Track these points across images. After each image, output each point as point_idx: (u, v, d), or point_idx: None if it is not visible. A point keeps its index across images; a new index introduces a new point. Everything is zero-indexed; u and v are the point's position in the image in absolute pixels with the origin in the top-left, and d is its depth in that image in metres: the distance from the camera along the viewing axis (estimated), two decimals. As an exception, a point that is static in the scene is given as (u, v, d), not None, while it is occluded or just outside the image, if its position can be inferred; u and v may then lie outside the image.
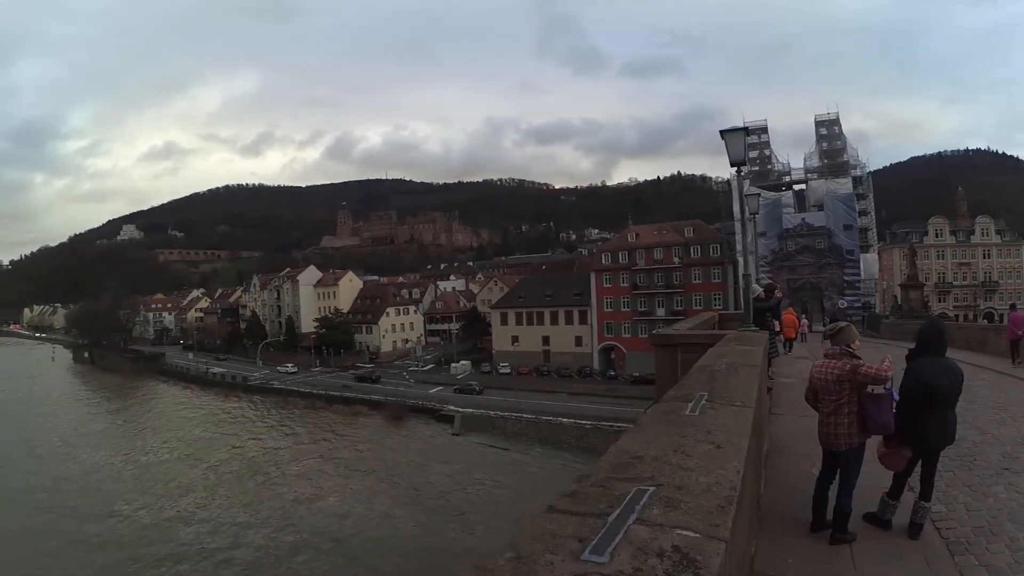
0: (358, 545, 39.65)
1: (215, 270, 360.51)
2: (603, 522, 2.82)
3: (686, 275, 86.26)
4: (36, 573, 38.18)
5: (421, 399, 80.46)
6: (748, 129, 18.05)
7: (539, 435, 62.04)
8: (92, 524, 46.39)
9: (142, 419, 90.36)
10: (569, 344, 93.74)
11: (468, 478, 50.59)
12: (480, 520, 41.15)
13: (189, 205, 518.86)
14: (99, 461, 65.74)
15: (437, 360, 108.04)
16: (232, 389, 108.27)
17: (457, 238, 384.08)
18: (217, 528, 44.76)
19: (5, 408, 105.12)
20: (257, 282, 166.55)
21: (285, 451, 65.43)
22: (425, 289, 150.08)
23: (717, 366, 8.03)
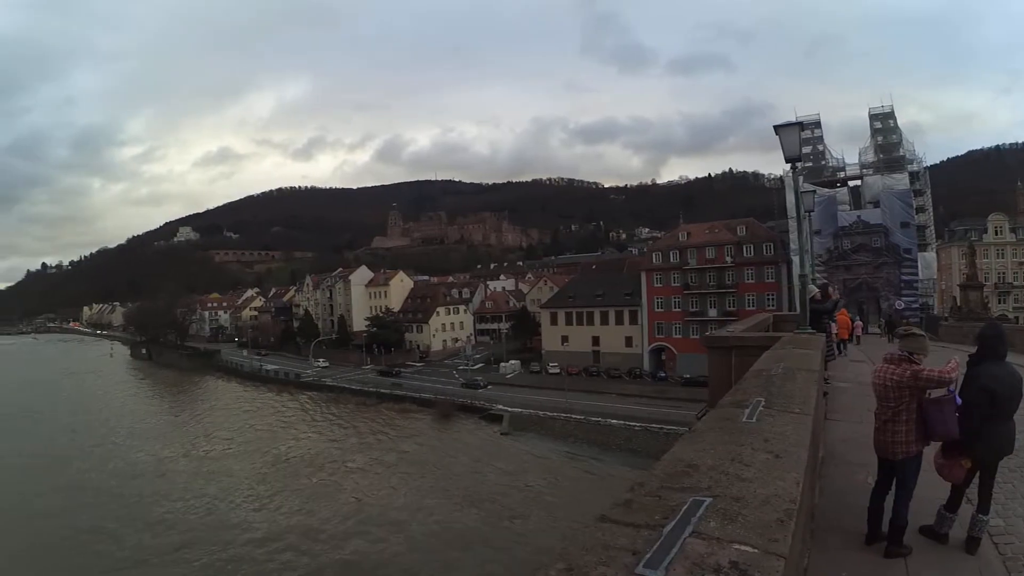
0: (412, 545, 39.52)
1: (269, 270, 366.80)
2: (658, 534, 2.71)
3: (738, 275, 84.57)
4: (95, 561, 39.01)
5: (470, 398, 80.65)
6: (802, 124, 17.56)
7: (588, 436, 61.41)
8: (152, 516, 47.37)
9: (199, 413, 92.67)
10: (619, 344, 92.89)
11: (519, 480, 50.21)
12: (532, 526, 40.76)
13: (243, 208, 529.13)
14: (158, 454, 67.36)
15: (486, 359, 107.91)
16: (285, 385, 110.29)
17: (507, 238, 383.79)
18: (275, 521, 45.23)
19: (69, 402, 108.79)
20: (310, 282, 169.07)
21: (339, 447, 66.00)
22: (475, 289, 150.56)
23: (774, 370, 7.80)
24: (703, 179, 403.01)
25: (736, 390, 6.90)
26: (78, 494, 52.98)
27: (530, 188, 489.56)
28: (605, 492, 44.27)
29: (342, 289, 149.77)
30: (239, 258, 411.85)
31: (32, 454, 69.20)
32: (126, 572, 37.72)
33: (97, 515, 47.45)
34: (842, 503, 7.01)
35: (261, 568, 37.94)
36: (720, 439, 4.44)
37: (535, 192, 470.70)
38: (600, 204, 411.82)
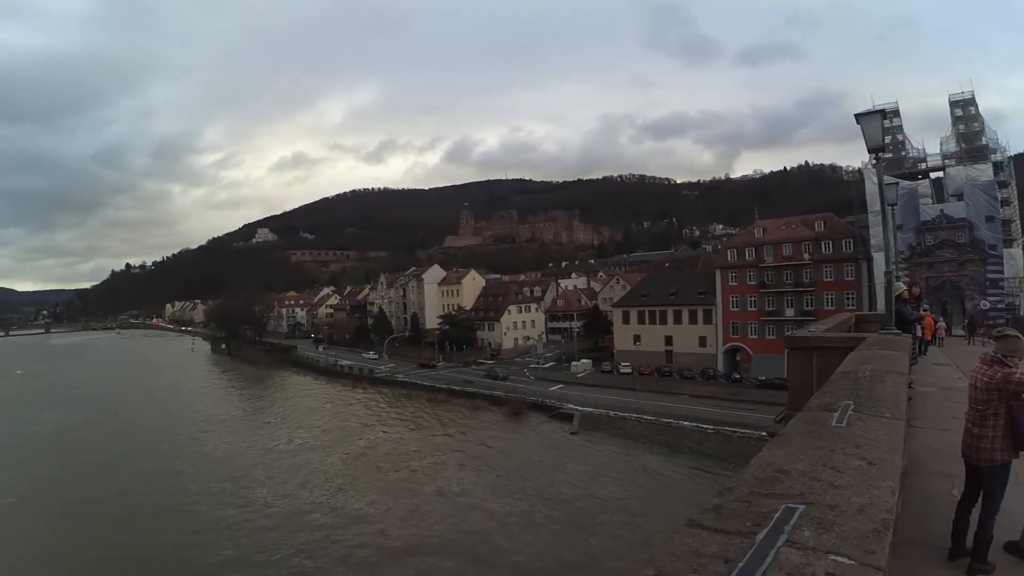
0: (492, 547, 39.23)
1: (344, 269, 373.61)
2: (750, 542, 2.59)
3: (816, 273, 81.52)
4: (173, 552, 40.05)
5: (541, 396, 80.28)
6: (885, 112, 16.78)
7: (658, 437, 60.31)
8: (231, 508, 48.39)
9: (277, 407, 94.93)
10: (692, 344, 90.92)
11: (593, 481, 49.53)
12: (613, 529, 40.08)
13: (319, 209, 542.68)
14: (238, 446, 69.14)
15: (558, 358, 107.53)
16: (358, 380, 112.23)
17: (578, 236, 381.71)
18: (354, 515, 45.62)
19: (152, 394, 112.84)
20: (384, 280, 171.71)
21: (414, 443, 66.46)
22: (546, 287, 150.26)
23: (861, 372, 7.50)
24: (778, 173, 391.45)
25: (823, 392, 6.67)
26: (158, 486, 54.62)
27: (601, 185, 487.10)
28: (679, 495, 43.70)
29: (415, 287, 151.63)
30: (315, 258, 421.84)
31: (116, 445, 72.10)
32: (209, 564, 38.61)
33: (176, 508, 48.83)
34: (924, 515, 6.64)
35: (341, 561, 38.26)
36: (810, 443, 4.29)
37: (606, 189, 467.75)
38: (672, 200, 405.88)
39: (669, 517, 38.14)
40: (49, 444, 74.61)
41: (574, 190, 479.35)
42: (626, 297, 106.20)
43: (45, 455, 68.85)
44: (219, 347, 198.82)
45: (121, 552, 40.11)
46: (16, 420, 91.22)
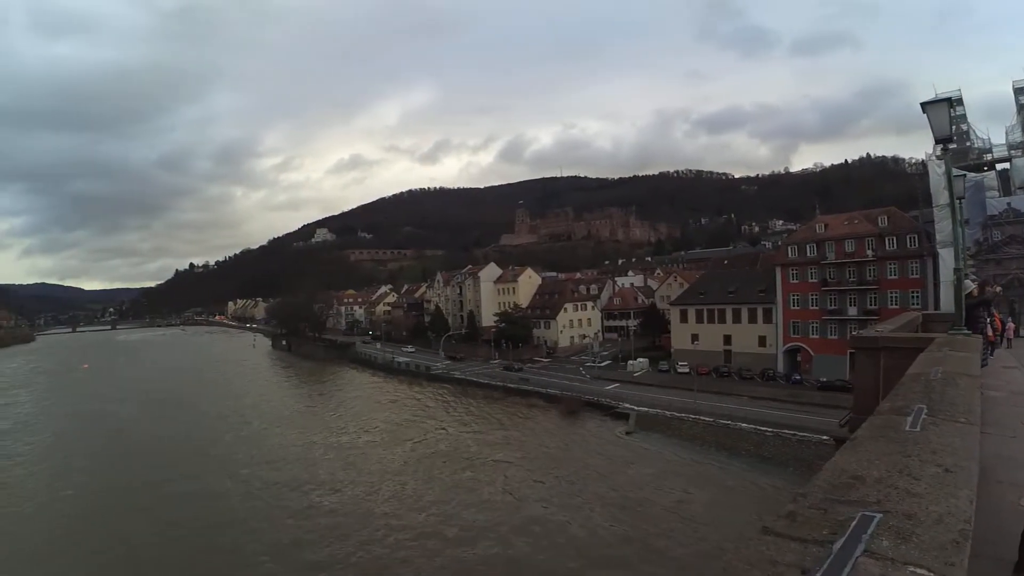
0: (557, 551, 38.41)
1: (401, 268, 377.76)
2: (827, 551, 2.52)
3: (880, 270, 78.57)
4: (234, 543, 40.83)
5: (596, 395, 79.50)
6: (952, 100, 15.98)
7: (716, 439, 59.05)
8: (294, 502, 49.04)
9: (337, 402, 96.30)
10: (752, 344, 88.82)
11: (658, 487, 48.22)
12: (679, 535, 39.08)
13: (376, 209, 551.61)
14: (300, 441, 70.05)
15: (614, 357, 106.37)
16: (415, 377, 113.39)
17: (634, 233, 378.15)
18: (416, 515, 45.35)
19: (217, 388, 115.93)
20: (441, 278, 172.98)
21: (472, 440, 66.33)
22: (603, 285, 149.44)
23: (932, 375, 7.14)
24: (839, 166, 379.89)
25: (895, 395, 6.41)
26: (221, 479, 55.84)
27: (657, 182, 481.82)
28: (741, 501, 42.78)
29: (471, 285, 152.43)
30: (373, 257, 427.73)
31: (180, 437, 74.03)
32: (270, 556, 39.08)
33: (238, 502, 49.73)
34: (991, 526, 6.21)
35: (403, 559, 38.33)
36: (884, 449, 4.13)
37: (662, 185, 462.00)
38: (730, 196, 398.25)
39: (734, 524, 37.51)
40: (112, 438, 76.97)
41: (630, 187, 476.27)
42: (684, 295, 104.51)
43: (106, 449, 71.08)
44: (280, 343, 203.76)
45: (180, 545, 40.92)
46: (81, 414, 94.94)
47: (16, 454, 69.87)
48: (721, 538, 36.12)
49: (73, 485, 56.04)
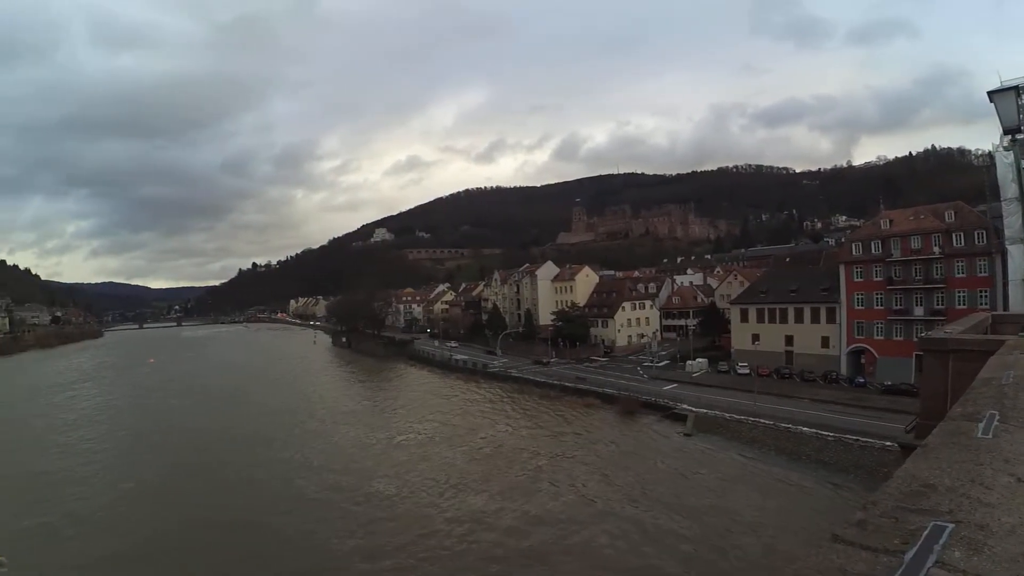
0: (622, 563, 37.25)
1: (459, 267, 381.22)
2: (898, 561, 2.53)
3: (948, 267, 75.29)
4: (297, 541, 41.16)
5: (654, 395, 78.35)
6: (1020, 88, 15.21)
7: (776, 443, 57.31)
8: (353, 501, 49.10)
9: (397, 399, 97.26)
10: (814, 345, 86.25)
11: (721, 492, 46.85)
12: (744, 541, 38.14)
13: (433, 209, 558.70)
14: (361, 438, 70.70)
15: (672, 357, 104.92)
16: (472, 374, 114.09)
17: (693, 230, 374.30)
18: (480, 515, 44.88)
19: (279, 384, 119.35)
20: (498, 277, 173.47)
21: (530, 439, 66.06)
22: (661, 283, 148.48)
23: (1004, 379, 6.90)
24: (903, 159, 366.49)
25: (965, 400, 6.32)
26: (284, 475, 56.51)
27: (715, 177, 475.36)
28: (805, 507, 41.71)
29: (529, 284, 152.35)
30: (430, 256, 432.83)
31: (242, 433, 75.81)
32: (332, 553, 39.44)
33: (301, 498, 50.11)
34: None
35: (464, 559, 38.19)
36: (956, 456, 4.11)
37: (721, 181, 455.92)
38: (791, 191, 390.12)
39: (800, 532, 36.92)
40: (175, 432, 79.17)
41: (688, 183, 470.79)
42: (744, 294, 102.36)
43: (169, 442, 73.08)
44: (340, 340, 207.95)
45: (242, 539, 41.60)
46: (145, 407, 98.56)
47: (79, 446, 72.26)
48: (788, 546, 35.38)
49: (134, 478, 57.57)
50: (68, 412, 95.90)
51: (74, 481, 57.40)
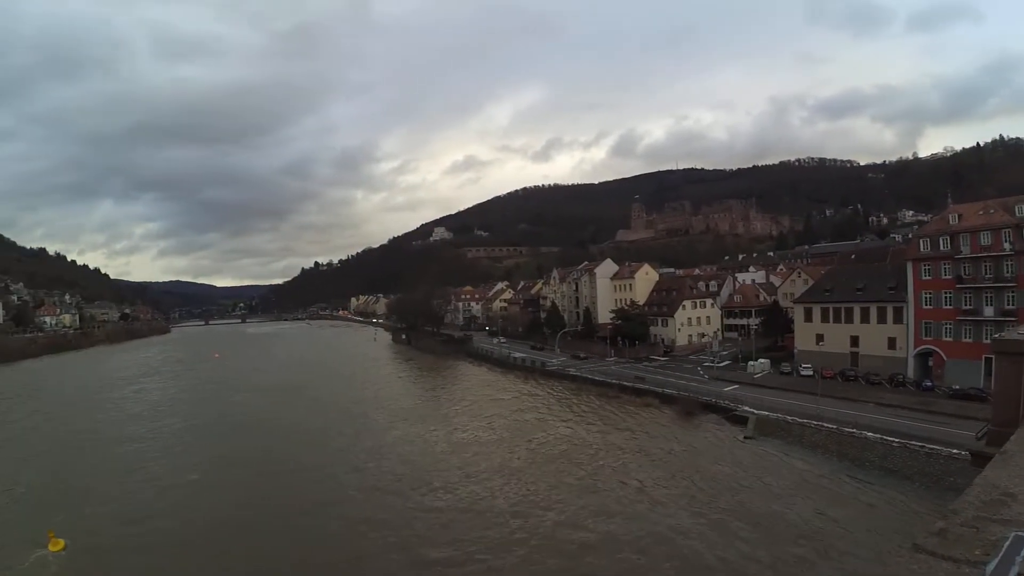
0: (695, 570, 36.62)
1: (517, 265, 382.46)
2: (979, 572, 2.63)
3: (1019, 265, 71.27)
4: (353, 536, 41.81)
5: (714, 396, 77.15)
6: None
7: (839, 448, 55.58)
8: (412, 498, 49.43)
9: (456, 396, 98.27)
10: (880, 346, 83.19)
11: (787, 499, 45.27)
12: (821, 554, 36.70)
13: (491, 208, 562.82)
14: (421, 434, 71.48)
15: (733, 357, 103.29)
16: (530, 372, 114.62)
17: (755, 226, 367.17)
18: (540, 516, 44.80)
19: (340, 379, 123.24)
20: (556, 275, 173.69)
21: (592, 440, 65.38)
22: (723, 281, 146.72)
23: None
24: (971, 150, 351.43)
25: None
26: (342, 471, 57.41)
27: (777, 172, 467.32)
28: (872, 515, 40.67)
29: (587, 282, 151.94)
30: (489, 254, 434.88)
31: (304, 427, 77.80)
32: (389, 552, 39.53)
33: (359, 494, 50.81)
34: None
35: (532, 556, 38.24)
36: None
37: (783, 176, 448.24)
38: (856, 185, 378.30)
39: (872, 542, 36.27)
40: (238, 425, 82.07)
41: (749, 178, 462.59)
42: (808, 292, 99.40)
43: (232, 435, 75.70)
44: (400, 337, 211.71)
45: (299, 534, 42.28)
46: (210, 401, 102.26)
47: (145, 438, 75.12)
48: (862, 558, 34.64)
49: (198, 470, 59.55)
50: (135, 405, 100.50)
51: (138, 472, 59.87)
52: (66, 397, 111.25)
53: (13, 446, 72.68)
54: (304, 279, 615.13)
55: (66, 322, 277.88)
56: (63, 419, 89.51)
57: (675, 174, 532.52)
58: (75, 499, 51.33)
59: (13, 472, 60.56)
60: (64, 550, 40.91)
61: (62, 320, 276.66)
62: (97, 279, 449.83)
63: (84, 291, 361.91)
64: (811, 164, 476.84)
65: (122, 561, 39.59)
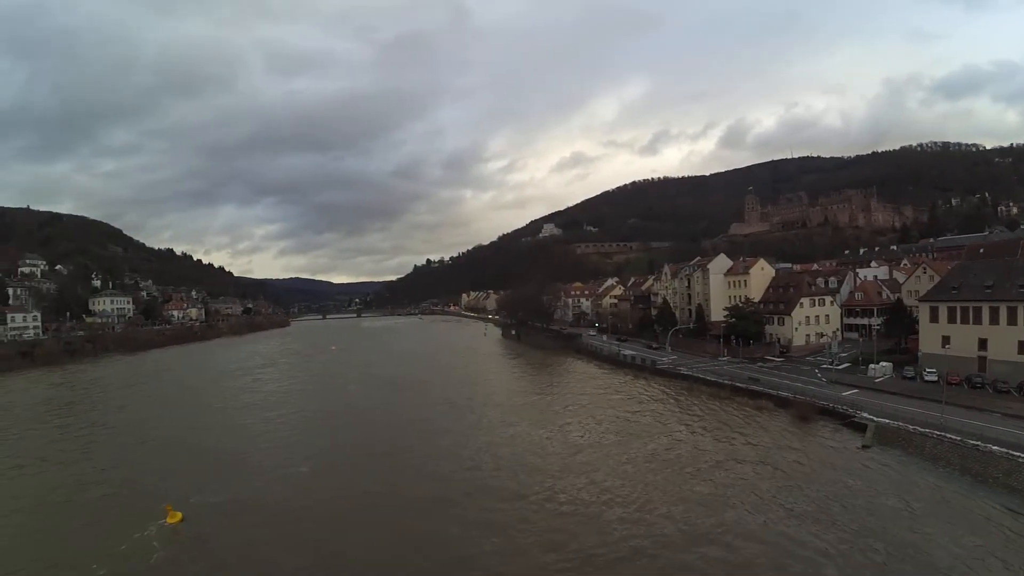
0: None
1: (627, 260, 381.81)
2: None
3: None
4: (461, 540, 41.51)
5: (832, 401, 74.40)
6: None
7: (961, 462, 51.80)
8: (523, 500, 48.90)
9: (567, 394, 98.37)
10: (1009, 350, 77.10)
11: (924, 521, 41.34)
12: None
13: (600, 203, 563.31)
14: (534, 435, 71.05)
15: (853, 359, 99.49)
16: (640, 371, 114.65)
17: (876, 217, 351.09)
18: (663, 529, 42.39)
19: (453, 374, 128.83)
20: (668, 271, 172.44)
21: (710, 447, 62.93)
22: (843, 277, 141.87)
23: None
24: None
25: None
26: (454, 469, 57.97)
27: (898, 158, 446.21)
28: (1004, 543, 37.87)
29: (700, 278, 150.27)
30: (598, 250, 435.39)
31: (415, 422, 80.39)
32: (496, 554, 39.54)
33: (469, 495, 50.44)
34: None
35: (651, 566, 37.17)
36: None
37: (904, 162, 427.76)
38: (983, 171, 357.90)
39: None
40: (351, 417, 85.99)
41: (867, 165, 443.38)
42: (934, 290, 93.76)
43: (344, 428, 79.05)
44: (509, 333, 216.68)
45: (404, 536, 42.32)
46: (325, 392, 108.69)
47: (258, 428, 79.90)
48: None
49: (312, 460, 62.07)
50: (252, 394, 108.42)
51: (251, 459, 64.22)
52: (185, 385, 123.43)
53: (134, 429, 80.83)
54: (416, 276, 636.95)
55: (192, 315, 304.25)
56: (182, 403, 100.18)
57: (789, 163, 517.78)
58: (190, 478, 56.58)
59: (134, 452, 68.51)
60: (181, 522, 45.48)
61: (188, 314, 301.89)
62: (221, 277, 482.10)
63: (209, 288, 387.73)
64: (934, 149, 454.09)
65: (234, 537, 43.14)
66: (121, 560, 39.44)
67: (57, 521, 47.11)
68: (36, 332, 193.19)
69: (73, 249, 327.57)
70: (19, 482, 58.02)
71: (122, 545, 41.41)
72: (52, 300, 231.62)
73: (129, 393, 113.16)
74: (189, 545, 41.78)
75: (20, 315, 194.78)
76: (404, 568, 37.95)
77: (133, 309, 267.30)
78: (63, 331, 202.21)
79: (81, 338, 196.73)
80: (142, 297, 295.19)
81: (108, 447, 71.38)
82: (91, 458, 66.26)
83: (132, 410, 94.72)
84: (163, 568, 38.71)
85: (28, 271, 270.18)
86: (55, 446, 71.84)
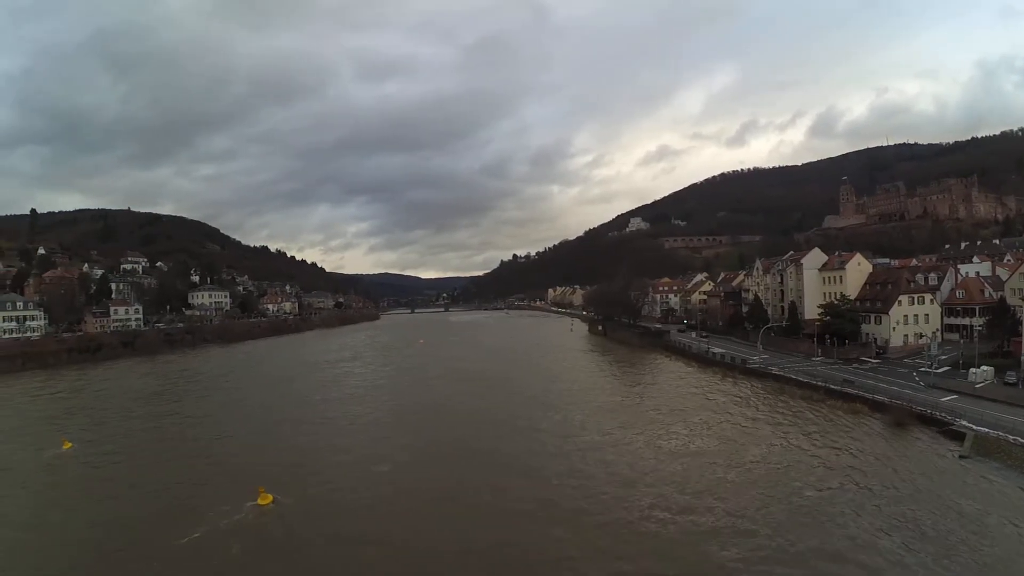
0: None
1: (717, 255, 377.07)
2: None
3: None
4: (544, 552, 40.01)
5: (929, 407, 70.88)
6: None
7: None
8: (601, 514, 46.28)
9: (653, 393, 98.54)
10: None
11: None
12: None
13: (688, 196, 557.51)
14: (623, 438, 69.64)
15: (954, 362, 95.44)
16: (730, 370, 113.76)
17: (978, 209, 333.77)
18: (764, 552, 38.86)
19: (538, 369, 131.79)
20: (759, 266, 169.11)
21: (811, 458, 59.34)
22: (943, 274, 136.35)
23: None
24: None
25: None
26: (539, 478, 55.84)
27: (999, 143, 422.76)
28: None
29: (793, 274, 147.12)
30: (687, 244, 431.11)
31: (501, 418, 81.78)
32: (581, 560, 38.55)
33: (556, 503, 48.87)
34: None
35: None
36: None
37: (1006, 148, 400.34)
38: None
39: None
40: (436, 413, 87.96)
41: (968, 151, 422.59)
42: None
43: (429, 424, 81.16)
44: (596, 328, 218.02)
45: (483, 546, 41.02)
46: (410, 388, 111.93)
47: (345, 423, 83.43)
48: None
49: (389, 460, 62.82)
50: (339, 388, 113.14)
51: (339, 449, 67.78)
52: (279, 373, 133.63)
53: (225, 414, 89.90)
54: (503, 271, 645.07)
55: (286, 309, 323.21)
56: (277, 392, 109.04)
57: (886, 150, 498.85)
58: (280, 464, 61.36)
59: (227, 438, 75.54)
60: (272, 503, 49.46)
61: (283, 307, 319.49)
62: (314, 272, 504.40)
63: (302, 283, 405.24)
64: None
65: (323, 521, 46.06)
66: (215, 530, 44.44)
67: (162, 490, 54.47)
68: (138, 323, 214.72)
69: (173, 247, 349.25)
70: (138, 455, 67.25)
71: (222, 520, 46.02)
72: (153, 294, 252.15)
73: (223, 383, 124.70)
74: (277, 524, 45.72)
75: (123, 308, 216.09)
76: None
77: (230, 303, 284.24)
78: (164, 322, 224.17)
79: (180, 329, 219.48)
80: (239, 291, 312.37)
81: (203, 431, 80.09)
82: (191, 440, 74.77)
83: (219, 401, 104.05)
84: (252, 540, 42.73)
85: (130, 267, 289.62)
86: (152, 433, 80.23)
